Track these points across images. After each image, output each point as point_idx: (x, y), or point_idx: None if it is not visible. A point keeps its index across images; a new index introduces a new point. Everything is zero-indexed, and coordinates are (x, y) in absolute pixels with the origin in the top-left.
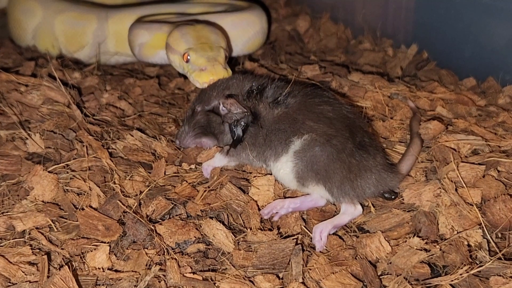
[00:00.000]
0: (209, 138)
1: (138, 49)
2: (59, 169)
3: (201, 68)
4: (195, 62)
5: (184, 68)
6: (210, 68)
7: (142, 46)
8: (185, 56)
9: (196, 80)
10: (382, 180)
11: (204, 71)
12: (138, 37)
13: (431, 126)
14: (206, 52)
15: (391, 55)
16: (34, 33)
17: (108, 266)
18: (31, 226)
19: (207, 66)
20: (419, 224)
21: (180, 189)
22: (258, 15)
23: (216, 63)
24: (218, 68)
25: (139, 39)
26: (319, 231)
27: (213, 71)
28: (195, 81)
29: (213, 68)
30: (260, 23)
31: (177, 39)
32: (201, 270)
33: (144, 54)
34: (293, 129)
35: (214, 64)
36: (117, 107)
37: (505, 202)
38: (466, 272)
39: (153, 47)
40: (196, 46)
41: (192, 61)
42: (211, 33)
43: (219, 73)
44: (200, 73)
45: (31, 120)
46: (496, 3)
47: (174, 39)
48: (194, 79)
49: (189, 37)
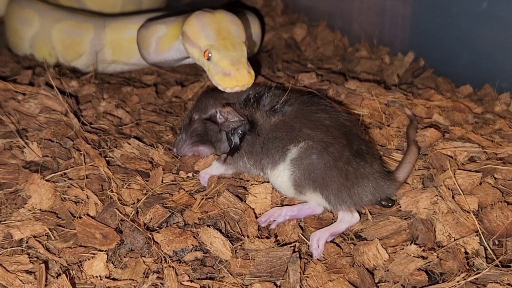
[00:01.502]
0: (206, 146)
1: (155, 45)
2: (56, 177)
3: (225, 72)
4: (218, 63)
5: (203, 65)
6: (234, 72)
7: (160, 39)
8: (206, 54)
9: (219, 84)
10: (379, 188)
11: (228, 76)
12: (155, 31)
13: (428, 134)
14: (229, 51)
15: (388, 63)
16: (31, 42)
17: (106, 275)
18: (29, 235)
19: (231, 71)
20: (416, 232)
21: (178, 197)
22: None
23: (240, 67)
24: (243, 73)
25: (156, 34)
26: (316, 239)
27: (238, 77)
28: (217, 85)
29: (237, 73)
30: (253, 29)
31: (197, 31)
32: (199, 278)
33: (161, 48)
34: (290, 137)
35: (238, 68)
36: (115, 116)
37: (502, 209)
38: (464, 279)
39: (170, 38)
40: (218, 43)
41: (214, 61)
42: (231, 24)
43: (244, 79)
44: (223, 77)
45: (29, 128)
46: (492, 11)
47: (193, 30)
48: (217, 82)
49: (209, 30)
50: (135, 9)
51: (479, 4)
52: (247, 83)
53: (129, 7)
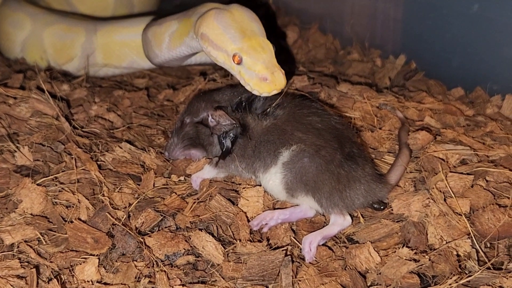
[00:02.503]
0: (198, 150)
1: (168, 41)
2: (47, 181)
3: (260, 76)
4: (251, 68)
5: (232, 68)
6: (271, 77)
7: (172, 35)
8: (235, 58)
9: (255, 89)
10: (371, 191)
11: (265, 82)
12: (169, 27)
13: (420, 136)
14: (259, 54)
15: (379, 66)
16: (22, 46)
17: (97, 279)
18: (20, 239)
19: (268, 75)
20: (408, 235)
21: (169, 201)
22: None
23: (275, 69)
24: (279, 77)
25: (170, 29)
26: (308, 242)
27: (275, 81)
28: (253, 90)
29: (274, 78)
30: None
31: (220, 34)
32: (191, 282)
33: (173, 44)
34: (282, 140)
35: (273, 71)
36: (106, 119)
37: (494, 212)
38: (456, 282)
39: (180, 35)
40: (246, 45)
41: (246, 65)
42: (252, 22)
43: (281, 82)
44: (260, 83)
45: (20, 132)
46: (484, 13)
47: (215, 33)
48: (253, 87)
49: (233, 32)
50: (126, 12)
51: (470, 7)
52: (284, 85)
53: (120, 11)
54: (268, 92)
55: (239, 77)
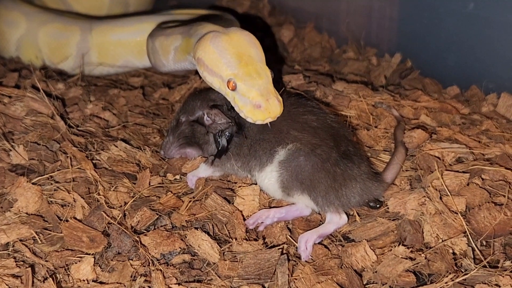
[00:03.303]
0: (193, 149)
1: (173, 54)
2: (43, 180)
3: (254, 103)
4: (246, 94)
5: (227, 94)
6: (265, 104)
7: (177, 50)
8: (230, 84)
9: (248, 116)
10: (367, 189)
11: (259, 109)
12: (174, 41)
13: (415, 135)
14: (255, 80)
15: (375, 64)
16: (17, 45)
17: (93, 278)
18: (15, 238)
19: (262, 102)
20: (404, 233)
21: (165, 200)
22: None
23: (270, 96)
24: (274, 104)
25: (175, 43)
26: (304, 241)
27: (269, 109)
28: (246, 117)
29: (268, 105)
30: None
31: (215, 59)
32: (187, 281)
33: (177, 58)
34: (278, 139)
35: (268, 98)
36: (101, 118)
37: (490, 210)
38: (452, 280)
39: (183, 51)
40: (241, 71)
41: (241, 92)
42: (250, 47)
43: (275, 110)
44: (254, 110)
45: (15, 131)
46: (479, 12)
47: (211, 58)
48: (246, 115)
49: (229, 57)
50: (121, 11)
51: (466, 5)
52: (279, 113)
53: (115, 10)
54: (262, 120)
55: (233, 104)
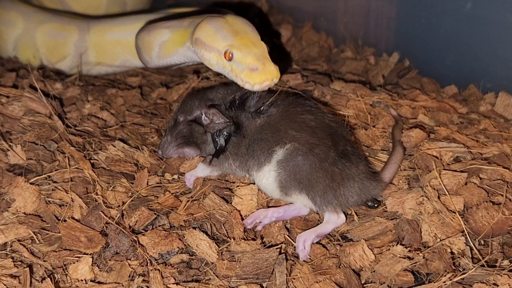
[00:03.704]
0: (191, 148)
1: (158, 50)
2: (40, 180)
3: (251, 67)
4: (242, 61)
5: (225, 66)
6: (261, 67)
7: (163, 45)
8: (226, 54)
9: (246, 81)
10: (365, 189)
11: (255, 72)
12: (158, 36)
13: (413, 134)
14: (250, 48)
15: (373, 64)
16: (15, 44)
17: (91, 278)
18: (13, 238)
19: (258, 65)
20: (402, 232)
21: (163, 200)
22: None
23: (266, 61)
24: (270, 67)
25: (160, 38)
26: (302, 240)
27: (266, 71)
28: (244, 83)
29: (264, 67)
30: None
31: (212, 35)
32: (185, 280)
33: (164, 54)
34: (276, 138)
35: (264, 63)
36: (99, 118)
37: (487, 209)
38: (450, 280)
39: (174, 44)
40: (238, 42)
41: (237, 59)
42: (245, 26)
43: (272, 72)
44: (250, 73)
45: (13, 131)
46: (477, 11)
47: (208, 34)
48: (244, 79)
49: (225, 32)
50: (119, 10)
51: (464, 5)
52: (276, 76)
53: (113, 9)
54: (260, 82)
55: (231, 74)
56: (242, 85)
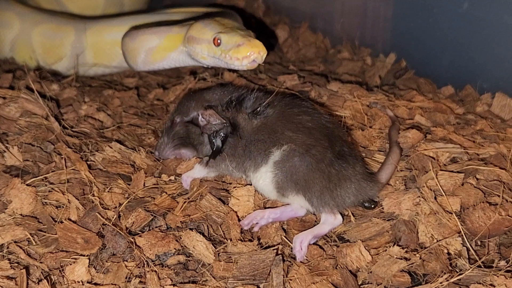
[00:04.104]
0: (188, 149)
1: (144, 55)
2: (37, 182)
3: (237, 44)
4: (229, 41)
5: (215, 53)
6: (247, 42)
7: (151, 51)
8: (215, 41)
9: (234, 56)
10: (361, 189)
11: (241, 46)
12: (145, 42)
13: (410, 135)
14: (236, 31)
15: (369, 64)
16: (11, 45)
17: (88, 279)
18: (9, 240)
19: (244, 41)
20: (399, 233)
21: (160, 201)
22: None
23: (251, 38)
24: (255, 41)
25: (146, 44)
26: (299, 241)
27: (251, 44)
28: (233, 59)
29: (250, 42)
30: None
31: (201, 29)
32: (182, 282)
33: (153, 59)
34: (272, 139)
35: (250, 39)
36: (96, 119)
37: (484, 210)
38: (446, 281)
39: (165, 50)
40: (224, 29)
41: (225, 42)
42: (234, 21)
43: (258, 45)
44: (237, 48)
45: (9, 132)
46: (473, 12)
47: (198, 29)
48: (232, 56)
49: (214, 25)
50: (116, 11)
51: (460, 5)
52: (262, 50)
53: (110, 9)
54: (247, 55)
55: (222, 58)
56: (232, 63)
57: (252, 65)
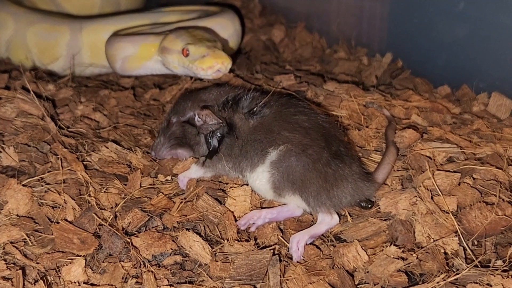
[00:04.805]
0: (184, 149)
1: (121, 63)
2: (33, 182)
3: (202, 55)
4: (195, 52)
5: (184, 63)
6: (211, 53)
7: (127, 59)
8: (184, 51)
9: (199, 66)
10: (358, 189)
11: (206, 57)
12: (121, 50)
13: (407, 135)
14: (203, 42)
15: (366, 64)
16: (7, 45)
17: (84, 280)
18: (6, 241)
19: (209, 52)
20: (396, 233)
21: (156, 201)
22: (230, 18)
23: (216, 49)
24: (219, 53)
25: (122, 53)
26: (296, 241)
27: (215, 55)
28: (198, 69)
29: (214, 53)
30: (233, 26)
31: (173, 40)
32: (178, 282)
33: (129, 67)
34: (269, 139)
35: (215, 50)
36: (92, 119)
37: (481, 210)
38: (443, 280)
39: (139, 59)
40: (193, 40)
41: (192, 52)
42: (205, 33)
43: (222, 56)
44: (203, 59)
45: (5, 133)
46: (469, 11)
47: (170, 40)
48: (198, 66)
49: (185, 36)
50: (113, 10)
51: (456, 5)
52: (226, 61)
53: (107, 9)
54: (210, 65)
55: (190, 68)
56: (198, 73)
57: (217, 74)
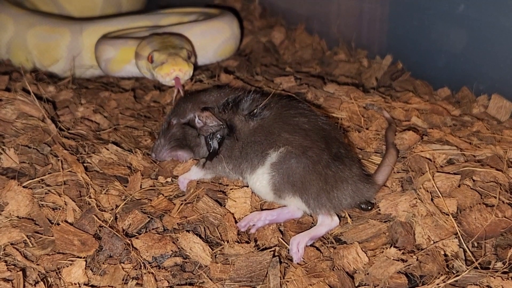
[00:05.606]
0: (185, 151)
1: (104, 65)
2: (34, 184)
3: (162, 62)
4: (158, 59)
5: (150, 69)
6: (170, 60)
7: (109, 61)
8: (149, 58)
9: (158, 73)
10: (358, 191)
11: (165, 64)
12: (103, 53)
13: (407, 137)
14: (168, 50)
15: (366, 66)
16: (7, 47)
17: (84, 282)
18: (6, 242)
19: (168, 59)
20: (396, 235)
21: (157, 203)
22: (228, 21)
23: (176, 57)
24: (178, 60)
25: (104, 55)
26: (296, 243)
27: (173, 62)
28: (158, 76)
29: (173, 60)
30: (230, 29)
31: (144, 46)
32: (178, 284)
33: (111, 69)
34: (269, 141)
35: (174, 58)
36: (92, 121)
37: (481, 211)
38: (443, 282)
39: (119, 62)
40: (160, 47)
41: (155, 59)
42: (176, 39)
43: (179, 63)
44: (161, 66)
45: (5, 134)
46: (469, 14)
47: (141, 46)
48: (157, 73)
49: (154, 43)
50: (114, 12)
51: (456, 7)
52: (184, 67)
53: (108, 10)
54: (167, 72)
55: (153, 73)
56: (158, 78)
57: (176, 81)
